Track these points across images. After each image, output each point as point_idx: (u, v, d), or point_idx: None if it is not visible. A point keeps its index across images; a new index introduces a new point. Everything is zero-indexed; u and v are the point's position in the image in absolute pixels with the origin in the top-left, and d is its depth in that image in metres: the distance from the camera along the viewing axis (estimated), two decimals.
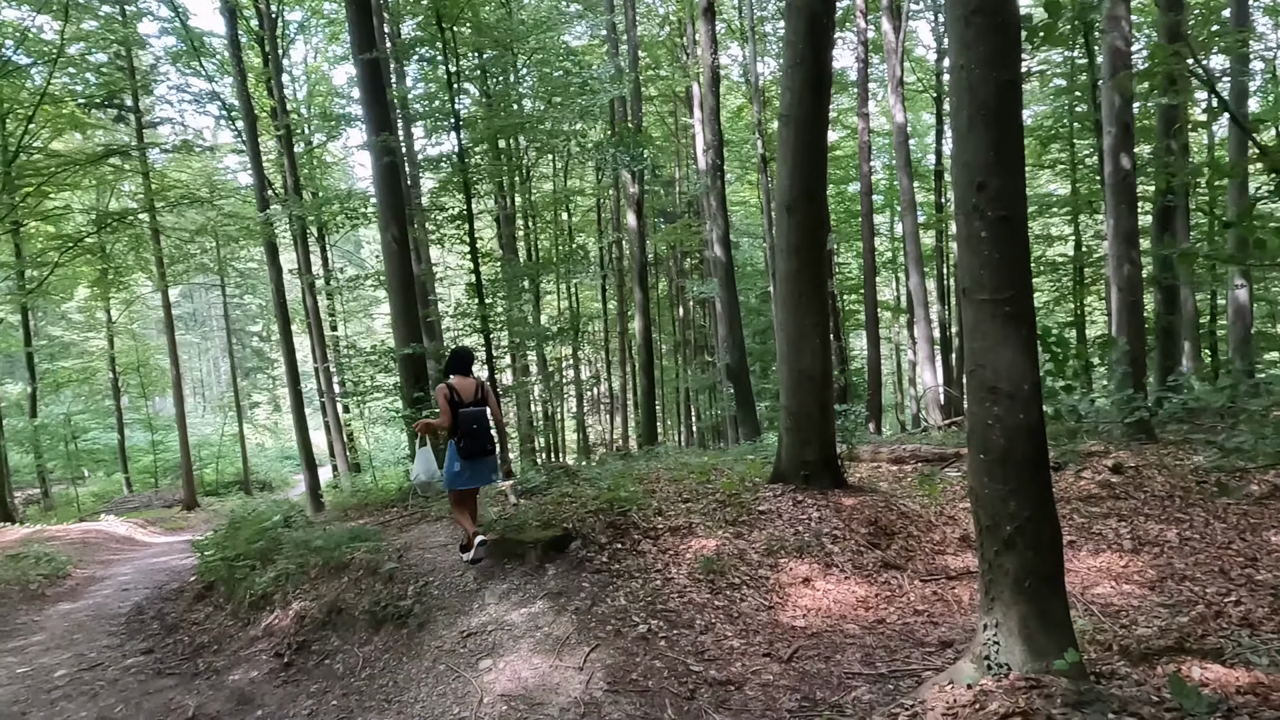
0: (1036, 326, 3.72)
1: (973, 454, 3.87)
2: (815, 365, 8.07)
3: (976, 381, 3.74)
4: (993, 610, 3.81)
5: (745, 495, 8.23)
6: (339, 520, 11.92)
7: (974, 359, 3.75)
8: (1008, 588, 3.71)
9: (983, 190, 3.59)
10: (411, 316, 12.19)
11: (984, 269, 3.62)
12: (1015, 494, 3.67)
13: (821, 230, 8.10)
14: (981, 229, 3.61)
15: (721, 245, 18.09)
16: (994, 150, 3.56)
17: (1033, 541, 3.67)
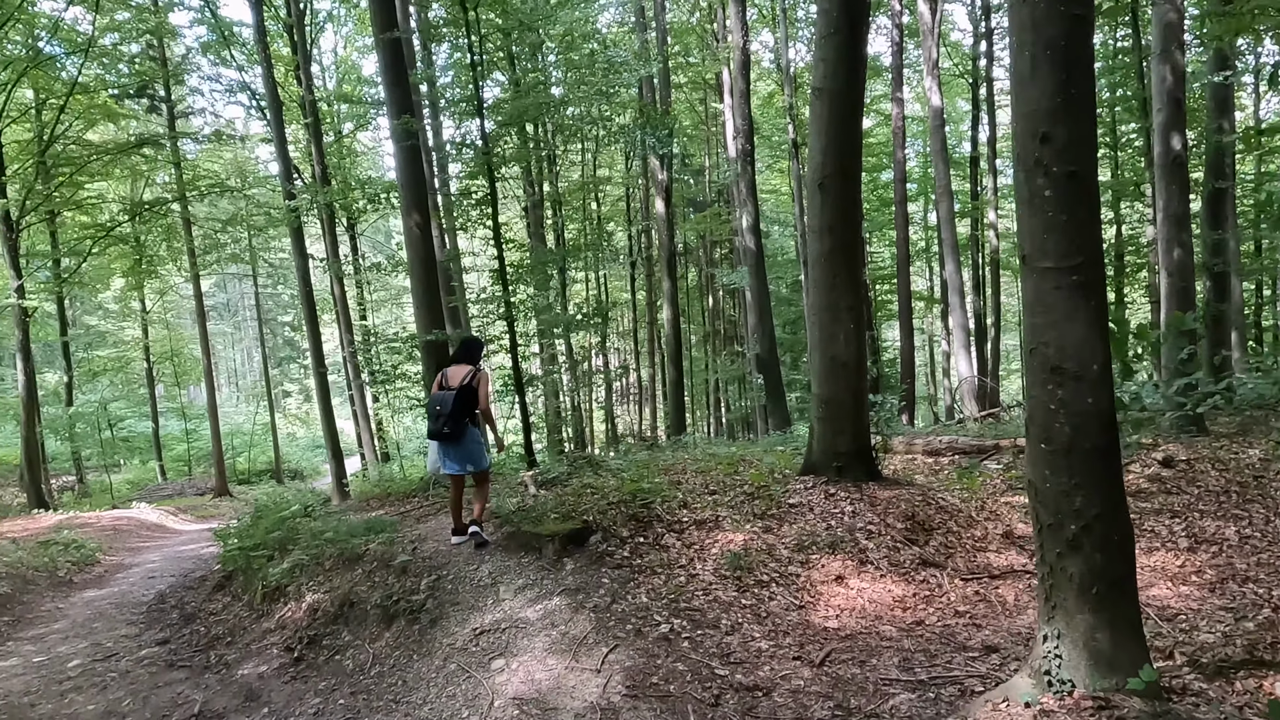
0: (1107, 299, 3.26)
1: (1032, 444, 3.44)
2: (849, 351, 7.63)
3: (1039, 361, 3.31)
4: (1054, 619, 3.39)
5: (775, 488, 7.82)
6: (360, 510, 11.66)
7: (1035, 336, 3.32)
8: (1072, 594, 3.28)
9: (1047, 142, 3.15)
10: (434, 303, 11.86)
11: (1048, 233, 3.19)
12: (1081, 488, 3.24)
13: (855, 209, 7.65)
14: (1045, 187, 3.17)
15: (751, 233, 17.63)
16: (1061, 96, 3.12)
17: (1101, 542, 3.24)
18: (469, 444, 7.13)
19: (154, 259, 27.07)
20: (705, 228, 27.22)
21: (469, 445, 7.13)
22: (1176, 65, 10.46)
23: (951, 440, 10.95)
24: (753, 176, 17.84)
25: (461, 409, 7.15)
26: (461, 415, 7.12)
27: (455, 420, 7.06)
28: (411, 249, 11.81)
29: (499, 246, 12.30)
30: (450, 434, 7.05)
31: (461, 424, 7.10)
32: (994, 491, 8.04)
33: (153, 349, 31.72)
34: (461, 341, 7.71)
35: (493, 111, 12.94)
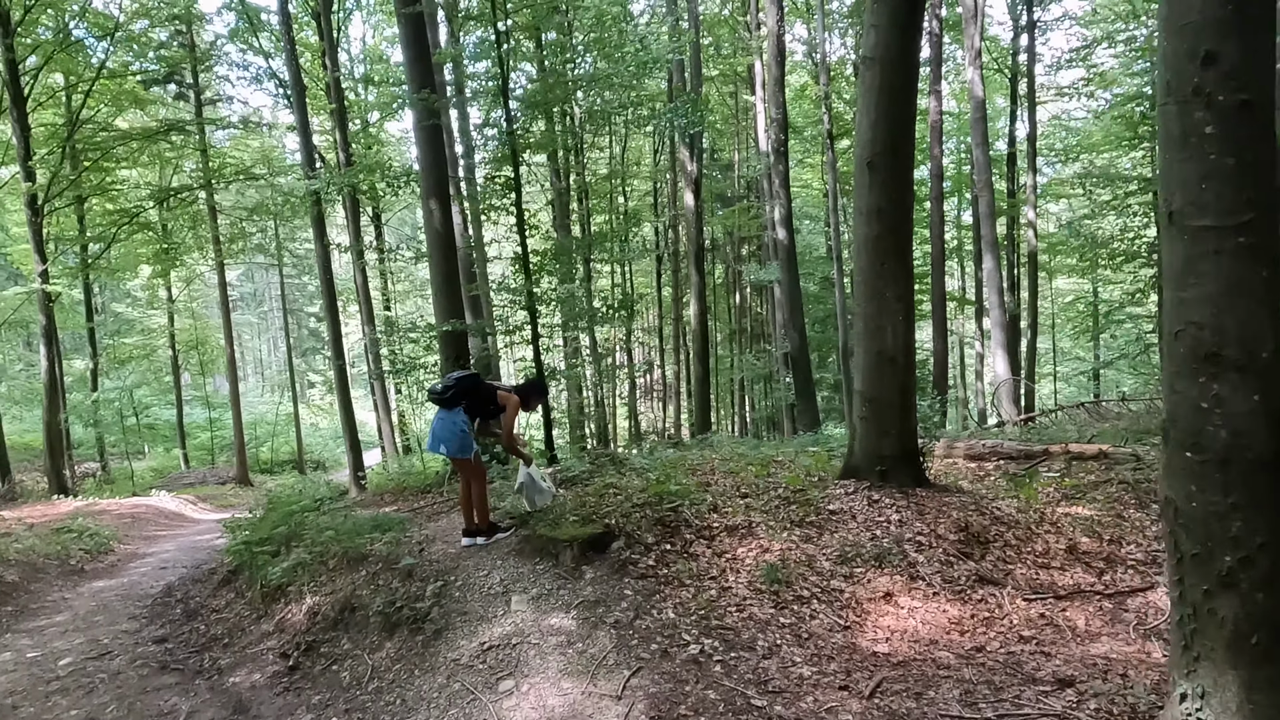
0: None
1: (1173, 451, 2.76)
2: (897, 345, 6.95)
3: (1187, 347, 2.62)
4: (1195, 673, 2.71)
5: (813, 492, 7.15)
6: (373, 505, 11.11)
7: (1182, 315, 2.64)
8: (1222, 643, 2.61)
9: (1211, 64, 2.46)
10: (453, 290, 11.28)
11: (1208, 181, 2.50)
12: (1241, 510, 2.55)
13: (906, 191, 6.97)
14: (1206, 122, 2.48)
15: (784, 226, 16.94)
16: (1232, 2, 2.43)
17: (1265, 579, 2.56)
18: (453, 423, 6.65)
19: (180, 247, 26.72)
20: (733, 223, 26.52)
21: (451, 424, 6.66)
22: None
23: (996, 445, 10.23)
24: (786, 168, 17.15)
25: (467, 393, 6.67)
26: (463, 396, 6.71)
27: (455, 392, 6.69)
28: (431, 234, 11.23)
29: (522, 234, 11.70)
30: (442, 395, 6.68)
31: (457, 398, 6.68)
32: (1051, 501, 7.32)
33: (178, 337, 31.50)
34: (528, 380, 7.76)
35: (520, 98, 12.36)
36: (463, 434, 6.56)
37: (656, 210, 28.60)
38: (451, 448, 6.58)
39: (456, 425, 6.57)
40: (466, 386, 6.74)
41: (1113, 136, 24.88)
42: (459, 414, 6.60)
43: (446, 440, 6.60)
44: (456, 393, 6.67)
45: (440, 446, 6.65)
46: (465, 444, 6.58)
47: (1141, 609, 5.51)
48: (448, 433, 6.60)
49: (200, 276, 32.84)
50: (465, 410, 6.67)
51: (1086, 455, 9.31)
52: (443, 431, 6.63)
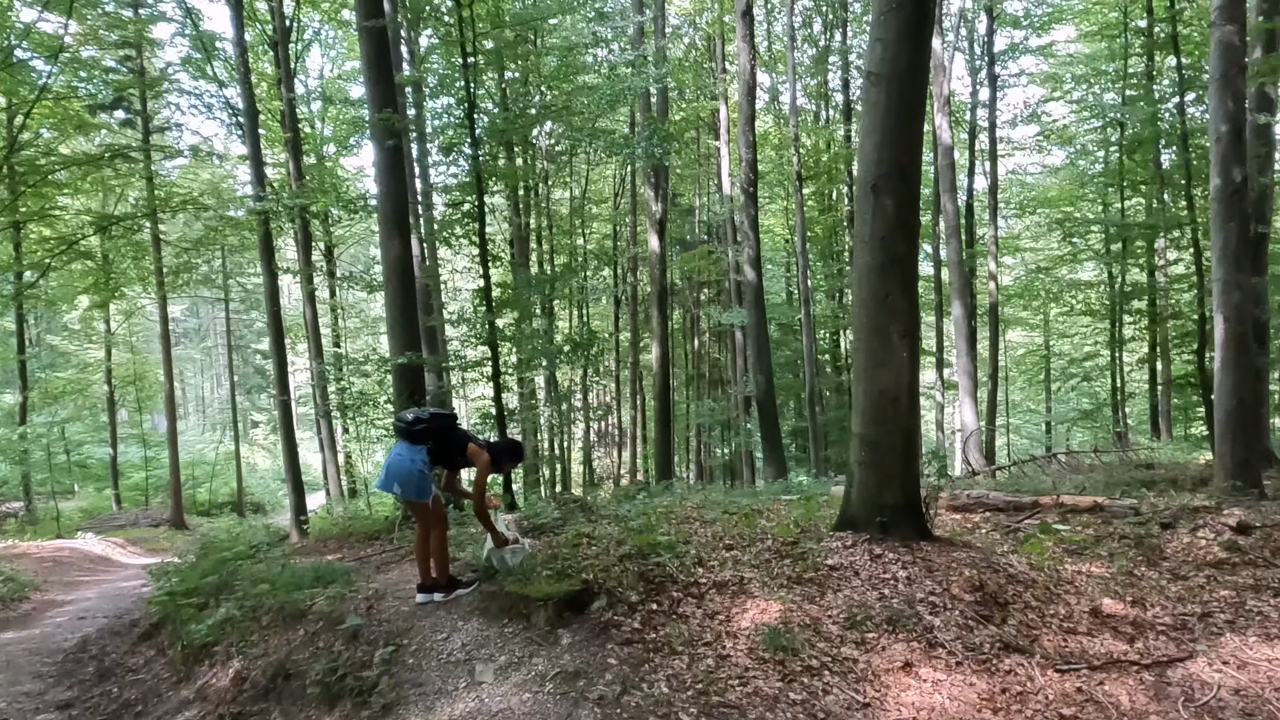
0: None
1: None
2: (901, 384, 6.33)
3: None
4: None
5: (807, 544, 6.46)
6: (315, 552, 10.17)
7: None
8: None
9: None
10: (410, 322, 10.50)
11: None
12: None
13: (913, 217, 6.40)
14: None
15: (752, 266, 16.43)
16: None
17: None
18: (411, 461, 5.76)
19: (121, 278, 25.42)
20: (694, 267, 26.06)
21: (409, 461, 5.75)
22: (1238, 91, 9.41)
23: (981, 496, 9.63)
24: (755, 209, 16.69)
25: (438, 434, 5.86)
26: (433, 436, 5.86)
27: (427, 429, 5.84)
28: (389, 262, 10.46)
29: (485, 264, 11.03)
30: (411, 427, 5.82)
31: (425, 435, 5.83)
32: (1060, 557, 6.70)
33: (116, 372, 30.00)
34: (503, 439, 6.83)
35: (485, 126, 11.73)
36: (421, 474, 5.72)
37: (615, 252, 28.04)
38: (408, 489, 5.72)
39: (415, 464, 5.73)
40: (440, 426, 5.90)
41: (1066, 193, 25.09)
42: (421, 452, 5.78)
43: (403, 479, 5.73)
44: (428, 430, 5.82)
45: (394, 485, 5.75)
46: (424, 485, 5.74)
47: (1185, 682, 4.88)
48: (404, 471, 5.73)
49: (141, 310, 31.46)
50: (430, 452, 5.84)
51: (1081, 508, 8.75)
52: (399, 468, 5.75)
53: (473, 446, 5.88)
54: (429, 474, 5.78)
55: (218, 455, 34.81)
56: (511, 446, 6.23)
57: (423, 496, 5.75)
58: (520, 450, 6.27)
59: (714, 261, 26.16)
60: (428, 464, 5.78)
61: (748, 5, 15.39)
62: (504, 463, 6.10)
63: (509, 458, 6.13)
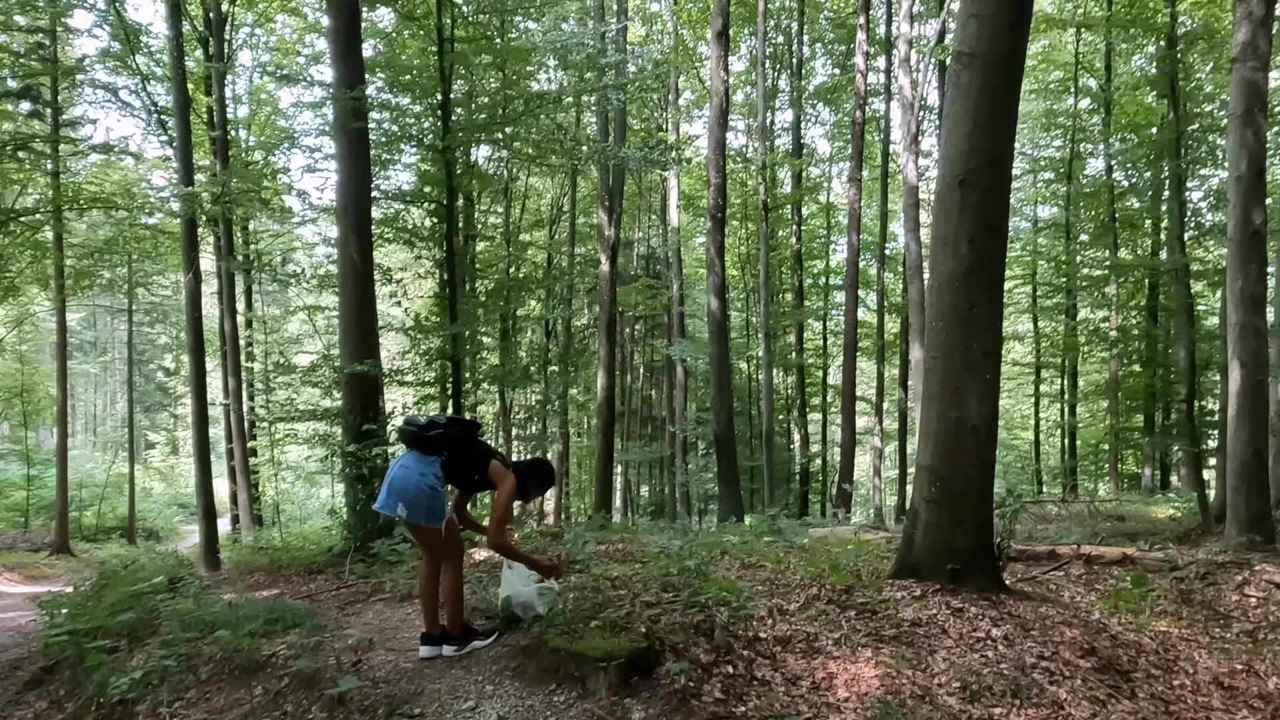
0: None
1: None
2: (982, 411, 5.42)
3: None
4: None
5: (865, 593, 5.45)
6: (244, 585, 8.67)
7: None
8: None
9: None
10: (368, 329, 9.20)
11: None
12: None
13: (1004, 218, 5.55)
14: None
15: (716, 295, 15.56)
16: None
17: None
18: (420, 475, 4.55)
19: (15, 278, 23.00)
20: (634, 301, 25.10)
21: (419, 476, 4.55)
22: (1259, 129, 8.96)
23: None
24: (723, 236, 15.87)
25: (455, 442, 4.68)
26: (449, 445, 4.68)
27: (442, 436, 4.66)
28: (346, 262, 9.15)
29: (450, 268, 9.81)
30: (423, 432, 4.65)
31: (440, 444, 4.63)
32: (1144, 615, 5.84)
33: (1, 383, 27.24)
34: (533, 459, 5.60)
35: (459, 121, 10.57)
36: (433, 493, 4.50)
37: (550, 279, 26.82)
38: (416, 510, 4.47)
39: (426, 479, 4.50)
40: (459, 434, 4.71)
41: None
42: (434, 466, 4.56)
43: (409, 498, 4.47)
44: (445, 438, 4.62)
45: (398, 506, 4.48)
46: (435, 507, 4.51)
47: None
48: (412, 488, 4.48)
49: (32, 316, 28.77)
50: (443, 466, 4.62)
51: (1108, 559, 7.98)
52: (406, 484, 4.50)
53: (496, 464, 4.67)
54: (442, 493, 4.56)
55: (108, 476, 31.96)
56: (539, 468, 4.93)
57: (434, 521, 4.51)
58: (551, 474, 5.01)
59: (653, 295, 25.29)
60: (441, 480, 4.57)
61: (723, 26, 14.71)
62: (530, 488, 4.83)
63: (537, 481, 4.86)
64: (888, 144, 23.32)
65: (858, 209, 18.69)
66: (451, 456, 4.63)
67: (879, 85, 22.69)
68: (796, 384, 25.26)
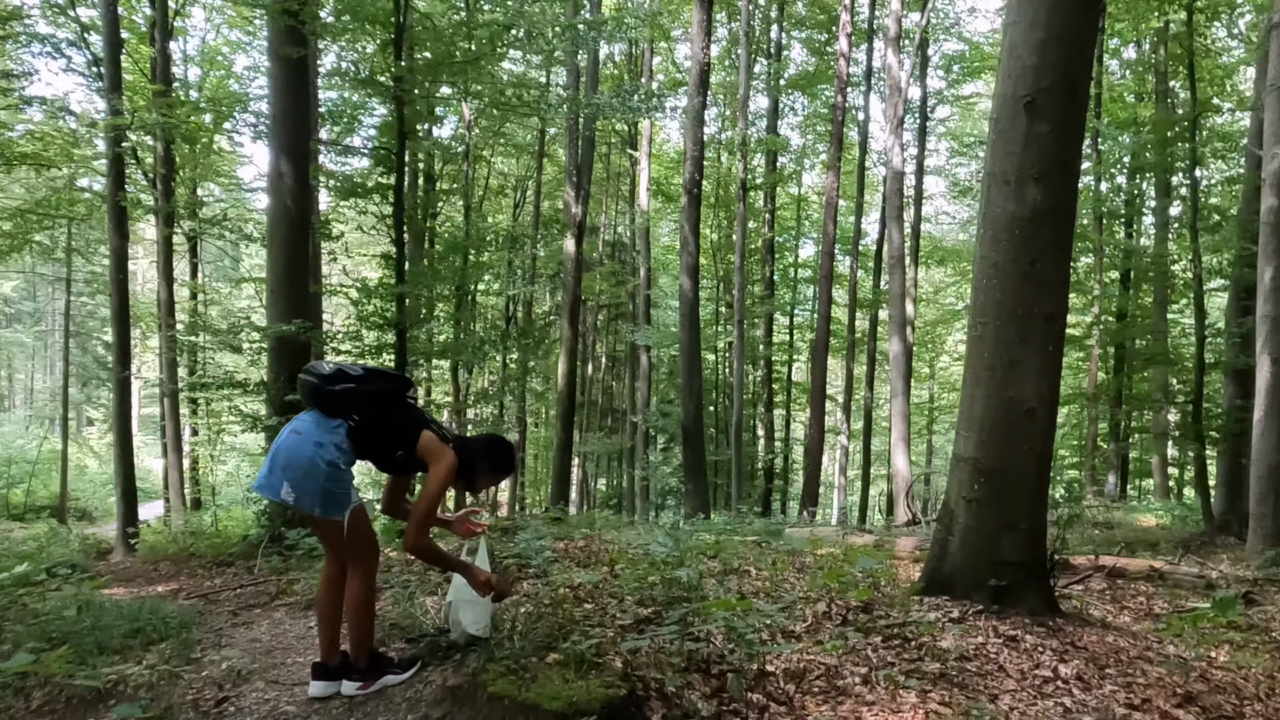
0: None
1: None
2: (1041, 392, 4.31)
3: None
4: None
5: (888, 613, 4.31)
6: (144, 577, 7.31)
7: None
8: None
9: None
10: (298, 284, 7.88)
11: None
12: None
13: (1077, 152, 4.42)
14: None
15: (689, 275, 14.38)
16: None
17: None
18: (316, 445, 3.19)
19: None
20: (598, 288, 23.86)
21: (312, 446, 3.19)
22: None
23: None
24: (698, 213, 14.67)
25: (368, 403, 3.32)
26: (360, 405, 3.30)
27: (351, 395, 3.28)
28: (278, 206, 7.83)
29: (399, 225, 8.53)
30: (326, 383, 3.26)
31: (346, 402, 3.27)
32: (1209, 643, 4.76)
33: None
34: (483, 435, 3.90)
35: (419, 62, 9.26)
36: (332, 470, 3.17)
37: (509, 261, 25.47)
38: (307, 493, 3.14)
39: (324, 452, 3.17)
40: (379, 391, 3.35)
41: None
42: (338, 433, 3.24)
43: (297, 475, 3.15)
44: (354, 394, 3.27)
45: (282, 488, 3.14)
46: (335, 491, 3.17)
47: None
48: (303, 460, 3.15)
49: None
50: (354, 435, 3.30)
51: (1132, 572, 6.94)
52: (295, 455, 3.17)
53: (429, 437, 3.31)
54: (347, 471, 3.24)
55: (40, 452, 29.95)
56: (494, 448, 3.54)
57: (333, 510, 3.18)
58: (510, 456, 3.60)
59: (618, 282, 24.08)
60: (347, 454, 3.25)
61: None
62: (479, 474, 3.46)
63: (490, 465, 3.48)
64: (865, 134, 22.37)
65: (835, 198, 17.64)
66: (364, 421, 3.27)
67: (858, 75, 21.68)
68: (763, 378, 24.21)
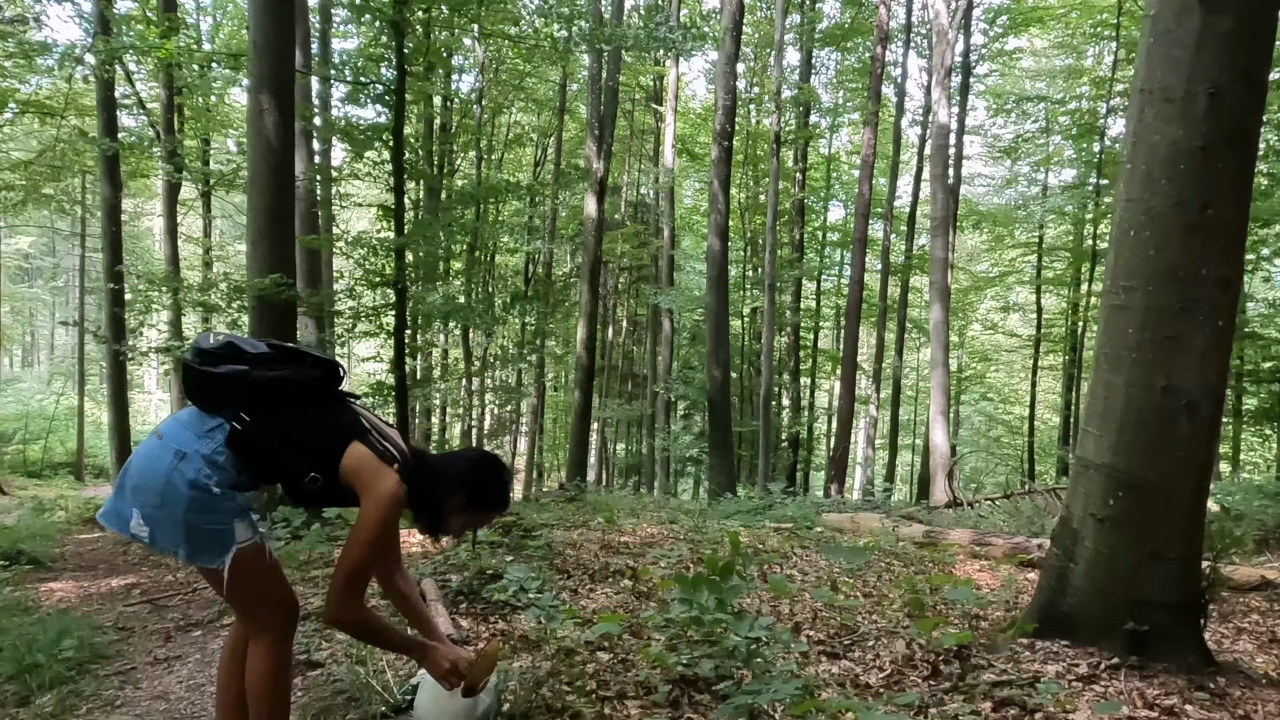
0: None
1: None
2: (1206, 380, 3.22)
3: None
4: None
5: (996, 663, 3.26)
6: (105, 564, 6.43)
7: None
8: None
9: None
10: (281, 234, 6.83)
11: None
12: None
13: (1265, 56, 3.27)
14: None
15: (718, 236, 13.26)
16: None
17: None
18: (178, 460, 2.11)
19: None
20: (619, 249, 22.72)
21: (175, 462, 2.11)
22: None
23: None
24: (729, 168, 13.47)
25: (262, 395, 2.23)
26: (246, 395, 2.22)
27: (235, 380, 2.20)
28: (259, 144, 6.76)
29: (399, 170, 7.47)
30: (199, 368, 2.21)
31: (229, 391, 2.20)
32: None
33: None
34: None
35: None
36: (196, 495, 2.10)
37: (529, 222, 24.37)
38: (162, 527, 2.11)
39: (190, 465, 2.11)
40: (281, 381, 2.24)
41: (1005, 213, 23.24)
42: (215, 438, 2.16)
43: (149, 499, 2.11)
44: (244, 385, 2.21)
45: (133, 515, 2.11)
46: (205, 526, 2.12)
47: None
48: (156, 479, 2.11)
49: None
50: (234, 444, 2.19)
51: (1237, 582, 5.86)
52: (147, 472, 2.13)
53: (359, 454, 2.22)
54: (221, 497, 2.15)
55: (58, 409, 29.38)
56: (477, 470, 2.35)
57: (200, 555, 2.15)
58: (502, 487, 2.39)
59: (640, 244, 22.93)
60: (224, 471, 2.17)
61: None
62: (447, 510, 2.30)
63: (469, 500, 2.31)
64: (903, 91, 20.96)
65: (871, 156, 16.36)
66: (256, 424, 2.20)
67: (896, 28, 20.24)
68: (790, 345, 23.03)
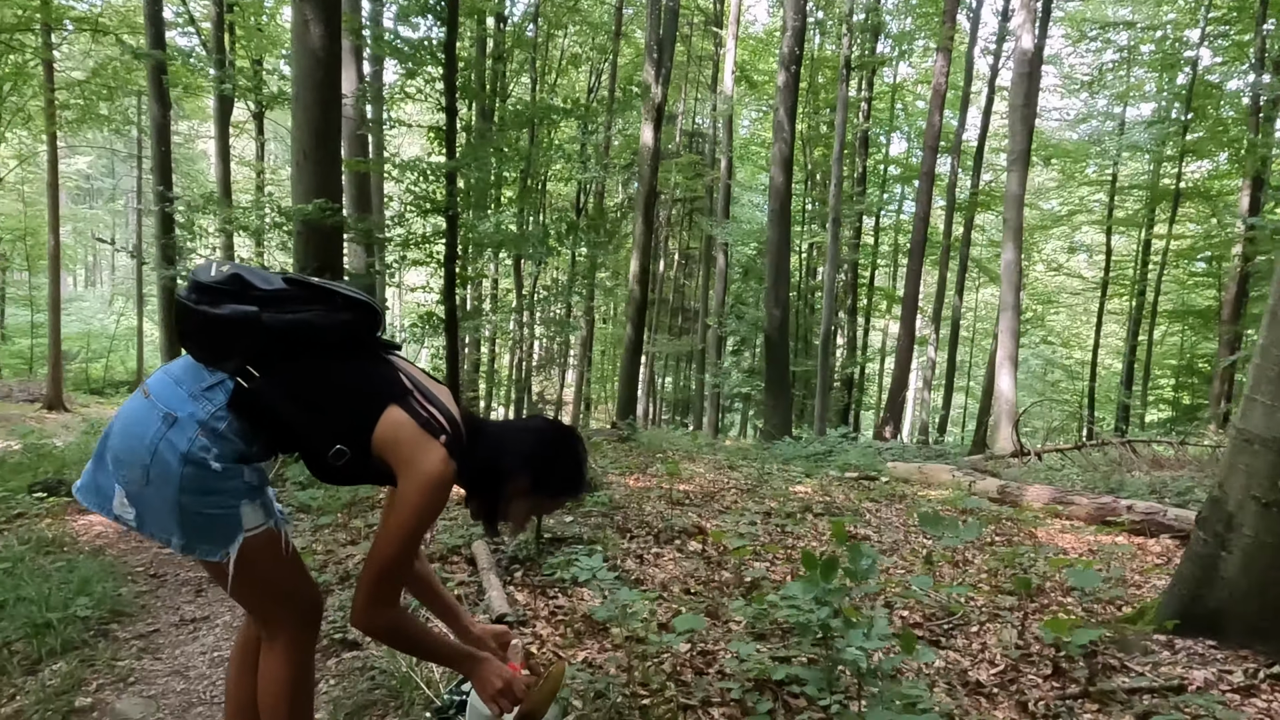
0: None
1: None
2: None
3: None
4: None
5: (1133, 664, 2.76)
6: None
7: None
8: None
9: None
10: (329, 156, 6.37)
11: None
12: None
13: None
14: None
15: (781, 167, 12.55)
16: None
17: None
18: (166, 426, 1.58)
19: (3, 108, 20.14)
20: (674, 180, 21.97)
21: (163, 428, 1.58)
22: None
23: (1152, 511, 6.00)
24: (795, 97, 12.66)
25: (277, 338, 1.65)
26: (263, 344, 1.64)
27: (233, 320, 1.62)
28: (304, 57, 6.26)
29: (450, 89, 6.92)
30: (193, 308, 1.63)
31: (227, 332, 1.62)
32: None
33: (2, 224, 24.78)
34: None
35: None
36: (191, 470, 1.57)
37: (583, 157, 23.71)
38: (152, 510, 1.60)
39: (178, 433, 1.58)
40: (298, 324, 1.64)
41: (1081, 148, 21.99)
42: (209, 402, 1.63)
43: (132, 474, 1.60)
44: (253, 330, 1.62)
45: (115, 496, 1.62)
46: (204, 511, 1.60)
47: None
48: (140, 448, 1.59)
49: (35, 156, 26.02)
50: (236, 406, 1.64)
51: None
52: (130, 439, 1.61)
53: (398, 421, 1.65)
54: (226, 473, 1.62)
55: (118, 328, 29.80)
56: (551, 445, 1.81)
57: (198, 545, 1.64)
58: (579, 468, 1.83)
59: (696, 175, 22.14)
60: (226, 440, 1.63)
61: None
62: (512, 494, 1.78)
63: (538, 482, 1.78)
64: (977, 20, 19.65)
65: (943, 84, 15.34)
66: (268, 382, 1.67)
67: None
68: (848, 283, 22.26)
